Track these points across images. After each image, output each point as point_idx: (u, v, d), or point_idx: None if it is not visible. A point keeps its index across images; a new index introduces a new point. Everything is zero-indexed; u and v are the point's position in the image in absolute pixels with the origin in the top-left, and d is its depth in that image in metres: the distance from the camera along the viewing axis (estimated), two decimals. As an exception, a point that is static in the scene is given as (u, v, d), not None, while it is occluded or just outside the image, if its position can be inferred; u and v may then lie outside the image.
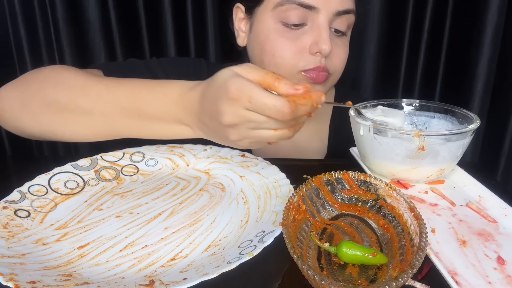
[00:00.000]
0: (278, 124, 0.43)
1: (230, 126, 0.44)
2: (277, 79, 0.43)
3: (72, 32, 1.06)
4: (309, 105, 0.42)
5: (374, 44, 1.04)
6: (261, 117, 0.43)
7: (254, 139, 0.46)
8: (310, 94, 0.42)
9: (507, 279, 0.38)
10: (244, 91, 0.41)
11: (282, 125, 0.44)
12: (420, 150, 0.53)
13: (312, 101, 0.42)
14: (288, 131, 0.45)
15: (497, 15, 0.94)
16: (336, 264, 0.39)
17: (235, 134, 0.45)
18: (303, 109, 0.42)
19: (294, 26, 0.66)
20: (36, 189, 0.54)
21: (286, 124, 0.44)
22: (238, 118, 0.43)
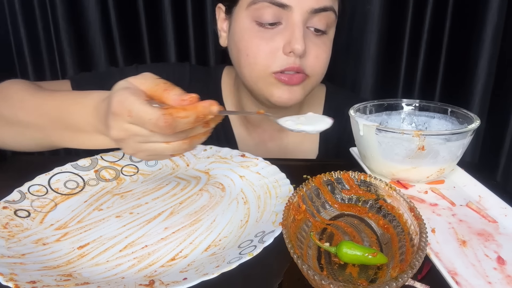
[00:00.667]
0: (165, 137, 0.42)
1: (119, 140, 0.44)
2: (166, 90, 0.42)
3: (72, 32, 1.06)
4: (192, 116, 0.40)
5: (374, 44, 1.03)
6: (145, 131, 0.42)
7: (148, 152, 0.45)
8: (195, 105, 0.41)
9: (507, 279, 0.38)
10: (125, 105, 0.41)
11: (171, 138, 0.43)
12: (420, 150, 0.53)
13: (196, 112, 0.41)
14: (183, 143, 0.44)
15: (497, 15, 0.93)
16: (336, 264, 0.39)
17: (127, 148, 0.45)
18: (183, 121, 0.40)
19: (268, 25, 0.64)
20: (36, 189, 0.54)
21: (176, 137, 0.43)
22: (123, 132, 0.43)
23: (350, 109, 0.61)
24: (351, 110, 0.60)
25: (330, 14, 0.65)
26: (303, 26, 0.63)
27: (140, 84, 0.43)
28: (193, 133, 0.44)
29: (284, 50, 0.64)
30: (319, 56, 0.67)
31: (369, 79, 1.07)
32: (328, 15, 0.65)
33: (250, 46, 0.66)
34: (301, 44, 0.62)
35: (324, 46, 0.68)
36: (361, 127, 0.56)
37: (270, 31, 0.65)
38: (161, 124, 0.40)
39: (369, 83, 1.07)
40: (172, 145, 0.44)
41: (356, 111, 0.61)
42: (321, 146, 0.84)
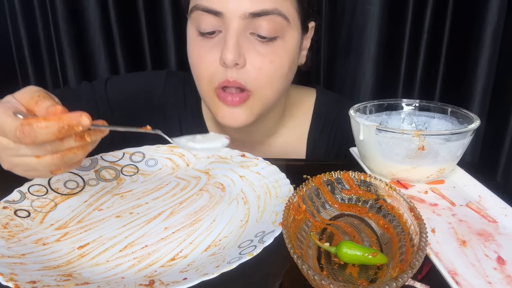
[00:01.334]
0: (32, 150, 0.41)
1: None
2: (37, 103, 0.42)
3: (72, 32, 1.06)
4: (54, 127, 0.39)
5: (374, 44, 1.03)
6: (12, 144, 0.41)
7: (23, 167, 0.44)
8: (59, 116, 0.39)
9: (507, 279, 0.38)
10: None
11: (38, 152, 0.41)
12: (420, 150, 0.53)
13: (60, 122, 0.39)
14: (54, 157, 0.42)
15: (497, 15, 0.93)
16: (336, 264, 0.39)
17: (2, 162, 0.45)
18: (43, 131, 0.39)
19: (208, 34, 0.60)
20: (36, 189, 0.54)
21: (43, 150, 0.41)
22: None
23: (350, 109, 0.61)
24: (351, 110, 0.60)
25: (276, 18, 0.58)
26: (237, 33, 0.58)
27: (20, 98, 0.43)
28: (63, 146, 0.42)
29: (220, 61, 0.59)
30: (263, 68, 0.60)
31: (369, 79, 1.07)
32: (273, 19, 0.58)
33: (192, 57, 0.64)
34: (231, 52, 0.57)
35: (273, 56, 0.60)
36: (361, 127, 0.56)
37: (211, 41, 0.60)
38: (19, 134, 0.39)
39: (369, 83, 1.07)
40: (42, 160, 0.42)
41: (356, 111, 0.61)
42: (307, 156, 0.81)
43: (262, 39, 0.60)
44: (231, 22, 0.58)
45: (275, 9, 0.58)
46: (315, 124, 0.80)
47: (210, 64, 0.61)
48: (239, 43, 0.58)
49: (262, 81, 0.61)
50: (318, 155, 0.81)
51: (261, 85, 0.62)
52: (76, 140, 0.42)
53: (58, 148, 0.42)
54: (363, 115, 0.63)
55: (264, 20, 0.58)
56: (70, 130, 0.40)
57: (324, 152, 0.80)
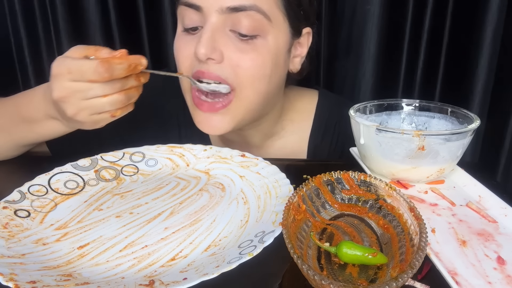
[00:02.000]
0: (103, 89, 0.48)
1: (61, 100, 0.49)
2: (98, 49, 0.49)
3: (72, 32, 1.06)
4: (125, 63, 0.47)
5: (374, 44, 1.03)
6: (85, 85, 0.47)
7: (89, 110, 0.50)
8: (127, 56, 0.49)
9: (507, 279, 0.38)
10: (64, 64, 0.48)
11: (108, 90, 0.48)
12: (420, 150, 0.53)
13: (128, 60, 0.48)
14: (119, 95, 0.49)
15: (497, 15, 0.93)
16: (336, 264, 0.39)
17: (69, 108, 0.50)
18: (119, 67, 0.47)
19: (191, 30, 0.61)
20: (36, 189, 0.54)
21: (112, 88, 0.48)
22: (65, 90, 0.48)
23: (350, 109, 0.61)
24: (351, 110, 0.60)
25: (254, 14, 0.57)
26: (213, 28, 0.57)
27: (72, 52, 0.50)
28: (127, 85, 0.50)
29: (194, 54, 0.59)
30: (241, 65, 0.59)
31: (369, 79, 1.07)
32: (252, 16, 0.57)
33: (176, 51, 0.64)
34: (204, 46, 0.56)
35: (254, 53, 0.59)
36: (361, 127, 0.56)
37: (192, 37, 0.61)
38: (100, 69, 0.46)
39: (369, 83, 1.07)
40: (109, 98, 0.49)
41: (356, 111, 0.61)
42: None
43: (243, 37, 0.59)
44: (209, 17, 0.58)
45: (254, 5, 0.57)
46: (316, 128, 0.79)
47: (186, 58, 0.61)
48: (215, 38, 0.58)
49: (243, 79, 0.60)
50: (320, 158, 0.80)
51: (243, 83, 0.60)
52: (135, 80, 0.51)
53: (124, 85, 0.50)
54: (363, 115, 0.63)
55: (242, 16, 0.57)
56: (135, 68, 0.49)
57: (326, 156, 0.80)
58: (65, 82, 0.48)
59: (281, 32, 0.62)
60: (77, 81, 0.48)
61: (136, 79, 0.51)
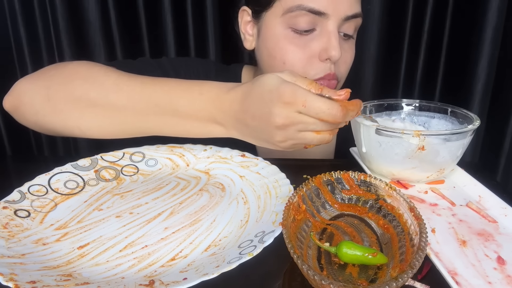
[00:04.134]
0: (324, 126, 0.47)
1: (280, 127, 0.48)
2: (321, 88, 0.47)
3: (72, 32, 1.06)
4: (356, 110, 0.47)
5: (374, 44, 1.04)
6: (311, 119, 0.46)
7: (298, 140, 0.49)
8: (356, 102, 0.47)
9: (507, 279, 0.38)
10: (299, 95, 0.45)
11: (327, 128, 0.48)
12: (420, 150, 0.53)
13: (357, 108, 0.47)
14: (329, 134, 0.49)
15: (497, 15, 0.94)
16: (336, 264, 0.39)
17: (281, 135, 0.49)
18: (351, 114, 0.46)
19: (303, 32, 0.64)
20: (36, 189, 0.54)
21: (330, 127, 0.48)
22: (289, 120, 0.47)
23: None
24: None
25: (359, 20, 0.66)
26: (338, 33, 0.64)
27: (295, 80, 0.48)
28: (340, 126, 0.49)
29: (320, 57, 0.64)
30: (346, 61, 0.69)
31: (369, 79, 1.07)
32: (357, 21, 0.66)
33: (286, 53, 0.66)
34: (338, 51, 0.62)
35: (351, 50, 0.70)
36: (361, 127, 0.56)
37: (305, 38, 0.65)
38: (339, 114, 0.45)
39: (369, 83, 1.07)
40: (321, 135, 0.49)
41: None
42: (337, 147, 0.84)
43: (345, 37, 0.67)
44: (333, 23, 0.63)
45: (361, 12, 0.66)
46: None
47: (307, 59, 0.65)
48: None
49: (345, 72, 0.70)
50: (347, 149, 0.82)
51: (344, 76, 0.71)
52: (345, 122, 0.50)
53: (337, 127, 0.49)
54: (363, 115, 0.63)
55: (352, 22, 0.65)
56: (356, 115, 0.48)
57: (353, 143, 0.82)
58: (293, 112, 0.46)
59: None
60: (304, 115, 0.46)
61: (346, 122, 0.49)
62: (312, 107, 0.45)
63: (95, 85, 0.56)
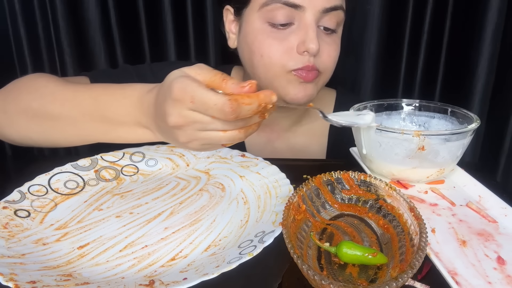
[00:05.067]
0: (224, 125, 0.42)
1: (176, 127, 0.44)
2: (224, 79, 0.42)
3: (72, 32, 1.06)
4: (255, 104, 0.41)
5: (374, 44, 1.03)
6: (206, 118, 0.42)
7: (203, 141, 0.45)
8: (257, 94, 0.41)
9: (507, 279, 0.38)
10: (187, 91, 0.41)
11: (229, 126, 0.43)
12: (420, 150, 0.53)
13: (259, 100, 0.41)
14: (239, 132, 0.44)
15: (497, 15, 0.93)
16: (336, 264, 0.39)
17: (182, 136, 0.45)
18: (247, 108, 0.40)
19: (281, 26, 0.65)
20: (36, 189, 0.54)
21: (234, 125, 0.43)
22: (182, 118, 0.43)
23: (350, 109, 0.61)
24: (351, 110, 0.60)
25: (340, 13, 0.66)
26: (316, 26, 0.64)
27: (196, 74, 0.43)
28: (250, 122, 0.44)
29: (298, 49, 0.64)
30: (330, 54, 0.68)
31: (369, 79, 1.07)
32: (338, 14, 0.66)
33: (264, 47, 0.66)
34: (315, 43, 0.62)
35: (334, 44, 0.69)
36: (362, 128, 0.56)
37: (283, 31, 0.65)
38: (226, 109, 0.39)
39: (369, 83, 1.07)
40: (228, 134, 0.43)
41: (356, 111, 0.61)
42: (329, 148, 0.84)
43: (327, 31, 0.67)
44: (310, 15, 0.63)
45: (341, 5, 0.66)
46: None
47: (285, 52, 0.65)
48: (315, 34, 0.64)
49: (329, 65, 0.70)
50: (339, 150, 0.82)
51: (328, 68, 0.70)
52: (260, 117, 0.44)
53: (246, 123, 0.44)
54: (363, 115, 0.63)
55: (332, 15, 0.65)
56: (264, 108, 0.42)
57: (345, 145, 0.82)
58: (184, 110, 0.42)
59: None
60: (198, 112, 0.42)
61: (260, 115, 0.44)
62: (199, 102, 0.41)
63: (36, 95, 0.58)
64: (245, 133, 0.44)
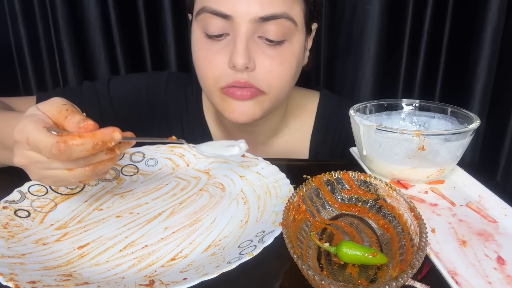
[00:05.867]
0: (65, 164, 0.42)
1: (23, 167, 0.44)
2: (66, 117, 0.41)
3: (72, 32, 1.06)
4: (88, 144, 0.40)
5: (374, 44, 1.03)
6: (44, 158, 0.41)
7: (53, 179, 0.44)
8: (93, 133, 0.40)
9: (507, 279, 0.38)
10: (24, 132, 0.41)
11: (71, 165, 0.42)
12: (420, 150, 0.53)
13: (94, 139, 0.40)
14: (85, 170, 0.43)
15: (497, 15, 0.93)
16: (336, 264, 0.39)
17: (32, 174, 0.45)
18: (79, 148, 0.39)
19: (215, 37, 0.60)
20: (36, 189, 0.54)
21: (76, 164, 0.42)
22: (24, 159, 0.43)
23: (350, 109, 0.61)
24: (351, 110, 0.60)
25: (284, 21, 0.58)
26: (246, 37, 0.58)
27: (46, 111, 0.43)
28: (95, 160, 0.43)
29: (228, 64, 0.59)
30: (272, 70, 0.61)
31: (369, 79, 1.07)
32: (282, 23, 0.58)
33: (199, 59, 0.63)
34: (242, 57, 0.57)
35: (281, 58, 0.61)
36: (361, 127, 0.56)
37: (218, 43, 0.60)
38: (55, 151, 0.39)
39: (369, 83, 1.07)
40: (74, 172, 0.43)
41: (356, 111, 0.61)
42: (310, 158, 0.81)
43: (270, 43, 0.60)
44: (241, 26, 0.58)
45: (284, 13, 0.58)
46: (318, 127, 0.80)
47: (217, 67, 0.61)
48: (249, 47, 0.59)
49: (272, 82, 0.62)
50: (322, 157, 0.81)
51: (273, 86, 0.62)
52: (107, 154, 0.43)
53: (90, 161, 0.43)
54: (363, 115, 0.63)
55: (273, 24, 0.58)
56: (103, 146, 0.41)
57: (328, 154, 0.80)
58: (25, 150, 0.42)
59: (301, 33, 0.64)
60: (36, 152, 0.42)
61: (108, 152, 0.43)
62: (33, 144, 0.40)
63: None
64: (94, 171, 0.43)
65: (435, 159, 0.54)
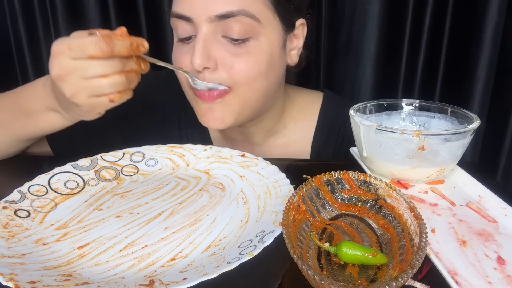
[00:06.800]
0: (104, 67, 0.47)
1: (59, 79, 0.48)
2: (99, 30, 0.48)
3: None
4: (127, 41, 0.47)
5: (374, 44, 1.03)
6: (85, 62, 0.46)
7: (88, 90, 0.48)
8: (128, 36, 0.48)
9: (507, 279, 0.38)
10: (65, 42, 0.47)
11: (109, 68, 0.47)
12: (420, 150, 0.53)
13: (130, 39, 0.48)
14: (119, 76, 0.48)
15: (497, 15, 0.93)
16: (336, 264, 0.39)
17: (67, 88, 0.48)
18: (120, 43, 0.46)
19: (185, 39, 0.62)
20: (36, 189, 0.54)
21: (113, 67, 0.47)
22: (64, 68, 0.47)
23: (350, 109, 0.61)
24: (351, 110, 0.60)
25: (243, 18, 0.58)
26: (204, 38, 0.59)
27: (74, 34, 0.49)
28: (128, 66, 0.49)
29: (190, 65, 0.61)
30: (235, 67, 0.60)
31: (369, 79, 1.07)
32: (241, 20, 0.58)
33: (174, 62, 0.65)
34: (198, 57, 0.58)
35: (247, 55, 0.60)
36: (361, 127, 0.56)
37: (187, 46, 0.62)
38: (101, 43, 0.45)
39: (369, 83, 1.07)
40: (109, 79, 0.48)
41: (356, 111, 0.61)
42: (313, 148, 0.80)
43: (235, 42, 0.60)
44: (200, 27, 0.59)
45: (242, 10, 0.58)
46: (320, 129, 0.79)
47: (185, 68, 0.62)
48: (208, 47, 0.59)
49: (237, 78, 0.61)
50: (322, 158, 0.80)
51: (238, 82, 0.62)
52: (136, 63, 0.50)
53: (124, 66, 0.48)
54: (363, 115, 0.63)
55: (232, 22, 0.58)
56: (137, 48, 0.49)
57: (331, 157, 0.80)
58: (65, 59, 0.47)
59: (273, 30, 0.63)
60: (77, 59, 0.47)
61: (136, 62, 0.50)
62: (76, 46, 0.46)
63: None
64: (126, 78, 0.49)
65: (435, 159, 0.54)
